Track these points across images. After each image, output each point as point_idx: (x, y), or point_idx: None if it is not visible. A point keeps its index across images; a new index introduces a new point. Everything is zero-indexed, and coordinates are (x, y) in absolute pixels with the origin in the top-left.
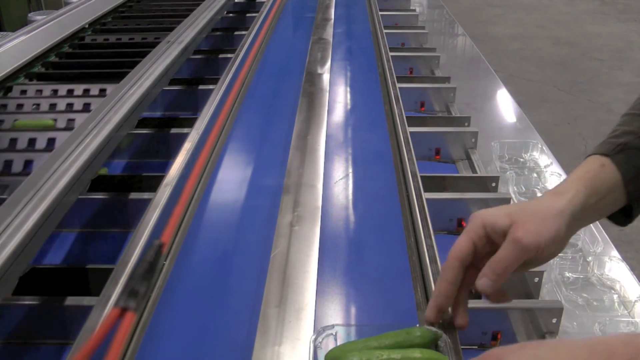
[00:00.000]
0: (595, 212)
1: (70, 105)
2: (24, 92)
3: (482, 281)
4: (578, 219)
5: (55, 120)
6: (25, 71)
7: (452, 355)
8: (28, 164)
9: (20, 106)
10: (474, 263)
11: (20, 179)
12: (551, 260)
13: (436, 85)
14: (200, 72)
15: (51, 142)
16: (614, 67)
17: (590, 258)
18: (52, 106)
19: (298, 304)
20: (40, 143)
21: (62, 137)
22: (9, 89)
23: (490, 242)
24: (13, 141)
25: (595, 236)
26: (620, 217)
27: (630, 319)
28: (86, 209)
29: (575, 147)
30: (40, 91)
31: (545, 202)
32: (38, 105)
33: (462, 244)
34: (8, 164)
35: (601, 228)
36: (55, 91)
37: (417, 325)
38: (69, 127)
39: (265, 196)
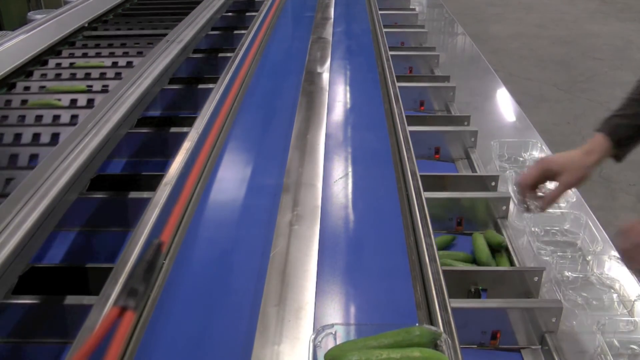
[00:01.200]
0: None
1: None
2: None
3: (545, 205)
4: (596, 166)
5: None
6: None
7: (451, 354)
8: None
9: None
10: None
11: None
12: (551, 260)
13: (436, 84)
14: (200, 71)
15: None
16: (614, 66)
17: (589, 257)
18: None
19: (297, 303)
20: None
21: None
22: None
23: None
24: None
25: (594, 235)
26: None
27: (630, 318)
28: (86, 208)
29: (574, 146)
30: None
31: (581, 157)
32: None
33: (529, 175)
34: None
35: (600, 227)
36: None
37: (417, 324)
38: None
39: (265, 195)
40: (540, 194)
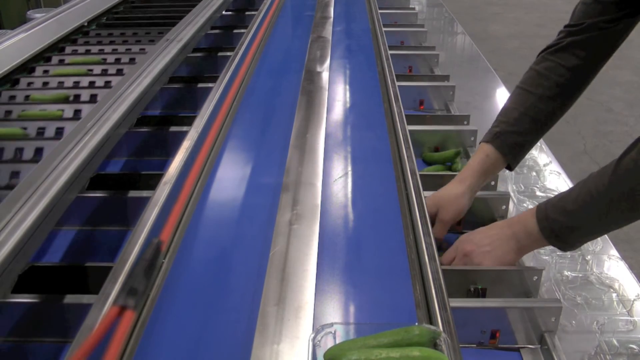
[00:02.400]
0: (486, 181)
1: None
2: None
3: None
4: (475, 191)
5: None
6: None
7: (450, 354)
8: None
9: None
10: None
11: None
12: (550, 260)
13: (435, 83)
14: (200, 70)
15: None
16: (613, 65)
17: (589, 257)
18: None
19: (297, 303)
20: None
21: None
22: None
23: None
24: None
25: None
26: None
27: (629, 318)
28: (85, 207)
29: (574, 146)
30: None
31: (454, 189)
32: None
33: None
34: None
35: None
36: None
37: (416, 323)
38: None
39: (264, 194)
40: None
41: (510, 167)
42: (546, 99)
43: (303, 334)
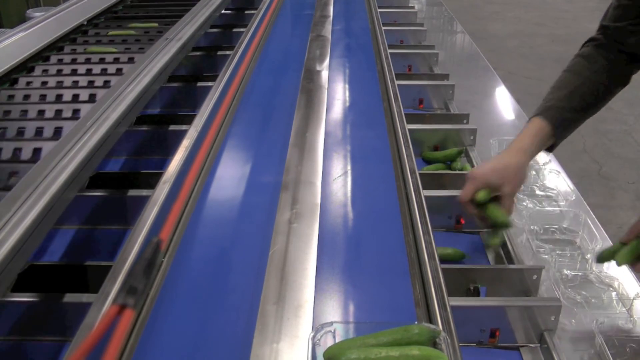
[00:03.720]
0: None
1: None
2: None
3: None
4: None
5: None
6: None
7: (450, 353)
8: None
9: None
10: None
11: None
12: (550, 258)
13: (435, 82)
14: (199, 69)
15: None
16: None
17: (588, 255)
18: None
19: (297, 301)
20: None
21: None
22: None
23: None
24: None
25: (593, 233)
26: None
27: (629, 317)
28: (85, 206)
29: (573, 145)
30: None
31: (517, 159)
32: None
33: (468, 192)
34: None
35: (600, 225)
36: None
37: (416, 322)
38: None
39: (264, 193)
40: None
41: (553, 146)
42: (593, 81)
43: (302, 333)
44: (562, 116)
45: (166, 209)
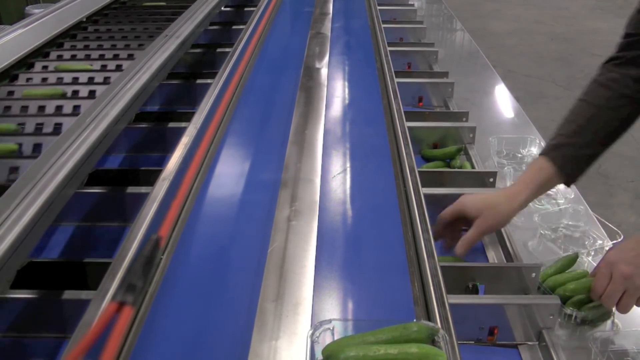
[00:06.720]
0: (540, 195)
1: None
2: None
3: (457, 250)
4: (525, 206)
5: None
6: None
7: (448, 350)
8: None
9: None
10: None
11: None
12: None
13: (434, 80)
14: (198, 66)
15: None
16: None
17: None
18: None
19: (295, 299)
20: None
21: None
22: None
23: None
24: None
25: (597, 227)
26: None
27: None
28: (84, 203)
29: None
30: None
31: (504, 203)
32: None
33: (447, 212)
34: None
35: (599, 225)
36: None
37: (414, 320)
38: None
39: (263, 190)
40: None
41: (567, 183)
42: (608, 110)
43: (301, 330)
44: (569, 154)
45: (165, 206)
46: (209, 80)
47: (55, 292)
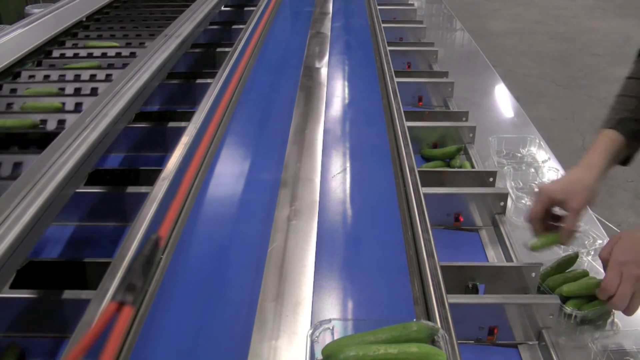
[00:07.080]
0: (611, 169)
1: None
2: None
3: (565, 241)
4: (603, 178)
5: None
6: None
7: (448, 350)
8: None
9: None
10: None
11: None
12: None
13: (434, 79)
14: (198, 66)
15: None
16: (612, 62)
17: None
18: None
19: (295, 298)
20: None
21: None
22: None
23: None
24: None
25: (595, 231)
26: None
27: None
28: (84, 202)
29: (572, 143)
30: None
31: (584, 176)
32: None
33: (536, 209)
34: None
35: (598, 224)
36: None
37: (414, 320)
38: None
39: (263, 190)
40: (556, 223)
41: (628, 159)
42: None
43: (301, 330)
44: (634, 129)
45: (165, 205)
46: (208, 80)
47: (55, 292)
